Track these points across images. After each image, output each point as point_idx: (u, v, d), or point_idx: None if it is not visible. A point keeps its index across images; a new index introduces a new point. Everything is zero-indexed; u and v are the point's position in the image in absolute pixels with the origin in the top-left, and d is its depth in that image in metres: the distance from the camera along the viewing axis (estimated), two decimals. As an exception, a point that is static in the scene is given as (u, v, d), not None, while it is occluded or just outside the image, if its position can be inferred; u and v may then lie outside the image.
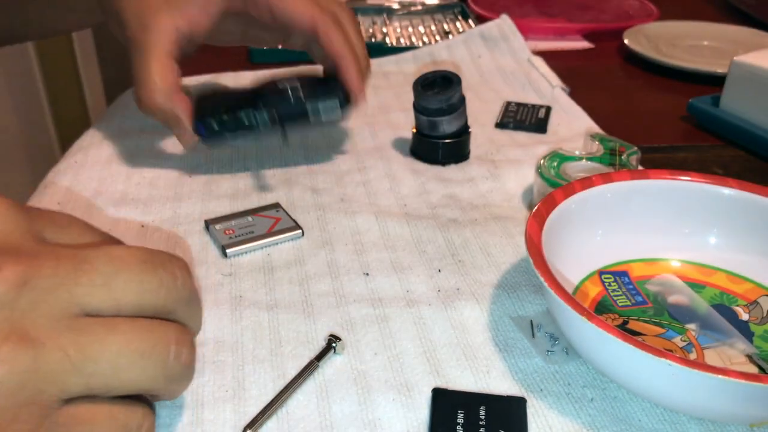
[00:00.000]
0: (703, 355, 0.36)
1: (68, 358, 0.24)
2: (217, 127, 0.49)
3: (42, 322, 0.24)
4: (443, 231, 0.47)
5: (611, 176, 0.42)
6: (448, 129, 0.54)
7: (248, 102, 0.49)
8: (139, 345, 0.26)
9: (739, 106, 0.61)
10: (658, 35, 0.84)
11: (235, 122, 0.49)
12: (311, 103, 0.49)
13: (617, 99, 0.71)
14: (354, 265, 0.43)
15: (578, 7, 0.96)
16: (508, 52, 0.77)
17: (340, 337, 0.37)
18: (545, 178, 0.47)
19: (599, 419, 0.33)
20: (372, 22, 0.89)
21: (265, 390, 0.34)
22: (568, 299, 0.32)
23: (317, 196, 0.51)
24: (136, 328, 0.26)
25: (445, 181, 0.53)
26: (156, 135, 0.59)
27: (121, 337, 0.25)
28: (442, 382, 0.35)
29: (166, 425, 0.32)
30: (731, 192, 0.41)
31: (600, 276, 0.41)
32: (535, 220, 0.37)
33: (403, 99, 0.67)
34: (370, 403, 0.34)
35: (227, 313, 0.39)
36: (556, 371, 0.36)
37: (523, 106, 0.65)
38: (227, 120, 0.49)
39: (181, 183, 0.52)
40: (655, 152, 0.59)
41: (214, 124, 0.49)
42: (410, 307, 0.40)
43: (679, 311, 0.39)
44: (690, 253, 0.42)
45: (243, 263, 0.44)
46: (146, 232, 0.46)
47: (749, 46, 0.77)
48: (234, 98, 0.50)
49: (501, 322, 0.39)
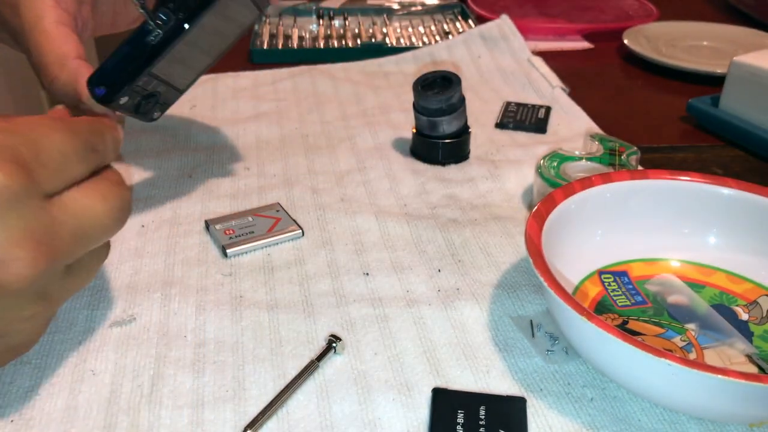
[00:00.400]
0: (702, 355, 0.36)
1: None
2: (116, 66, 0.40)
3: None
4: (443, 231, 0.47)
5: (611, 176, 0.42)
6: (448, 129, 0.54)
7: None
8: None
9: (739, 106, 0.61)
10: (657, 35, 0.84)
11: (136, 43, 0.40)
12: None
13: (617, 99, 0.71)
14: (354, 265, 0.43)
15: (578, 8, 0.96)
16: (508, 53, 0.77)
17: (341, 337, 0.37)
18: (545, 178, 0.47)
19: (599, 419, 0.33)
20: (372, 22, 0.89)
21: (266, 390, 0.34)
22: (567, 299, 0.32)
23: (317, 196, 0.51)
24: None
25: (445, 181, 0.53)
26: (156, 135, 0.59)
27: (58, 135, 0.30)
28: (442, 382, 0.35)
29: (166, 425, 0.32)
30: (731, 192, 0.41)
31: (600, 276, 0.41)
32: (534, 220, 0.37)
33: (403, 99, 0.67)
34: (370, 403, 0.34)
35: (227, 313, 0.39)
36: (556, 371, 0.36)
37: (522, 106, 0.65)
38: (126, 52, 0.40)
39: (181, 183, 0.52)
40: (655, 152, 0.59)
41: (109, 69, 0.40)
42: (410, 307, 0.40)
43: (679, 311, 0.39)
44: (690, 253, 0.42)
45: (243, 263, 0.44)
46: (146, 232, 0.46)
47: (749, 47, 0.77)
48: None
49: (501, 322, 0.39)
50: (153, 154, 0.56)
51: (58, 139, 0.30)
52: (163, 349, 0.37)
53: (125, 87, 0.39)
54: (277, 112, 0.65)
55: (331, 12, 0.90)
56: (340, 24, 0.88)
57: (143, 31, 0.40)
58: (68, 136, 0.31)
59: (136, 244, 0.45)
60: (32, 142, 0.29)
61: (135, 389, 0.34)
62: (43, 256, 0.28)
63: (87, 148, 0.32)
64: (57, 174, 0.30)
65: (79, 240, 0.31)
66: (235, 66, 0.74)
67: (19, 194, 0.28)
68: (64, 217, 0.30)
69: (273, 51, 0.79)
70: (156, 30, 0.39)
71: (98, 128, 0.34)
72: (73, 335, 0.37)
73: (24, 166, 0.28)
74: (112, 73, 0.40)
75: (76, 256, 0.31)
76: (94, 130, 0.33)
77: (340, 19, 0.89)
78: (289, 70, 0.73)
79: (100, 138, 0.33)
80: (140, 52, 0.40)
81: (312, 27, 0.87)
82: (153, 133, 0.59)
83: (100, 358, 0.36)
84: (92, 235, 0.32)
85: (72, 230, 0.30)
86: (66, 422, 0.32)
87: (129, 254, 0.44)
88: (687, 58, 0.78)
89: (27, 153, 0.29)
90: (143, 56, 0.40)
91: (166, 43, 0.40)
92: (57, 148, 0.30)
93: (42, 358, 0.36)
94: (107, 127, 0.34)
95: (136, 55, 0.40)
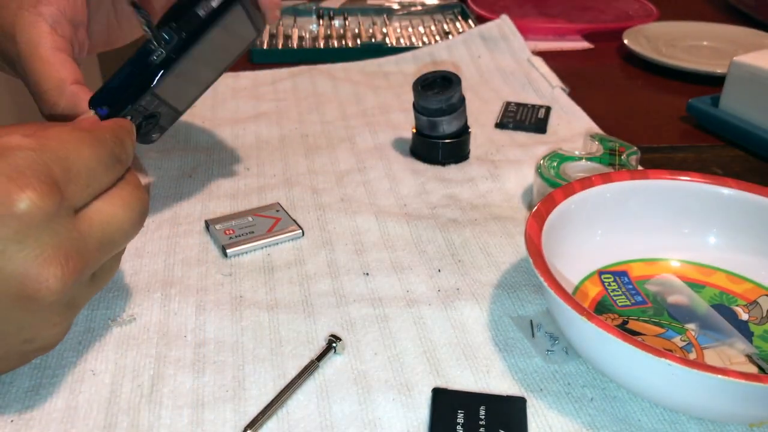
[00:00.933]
0: (702, 355, 0.36)
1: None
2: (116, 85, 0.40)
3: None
4: (443, 231, 0.47)
5: (611, 176, 0.42)
6: (448, 129, 0.54)
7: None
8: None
9: (739, 106, 0.61)
10: (657, 35, 0.84)
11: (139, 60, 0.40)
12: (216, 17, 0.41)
13: (617, 99, 0.71)
14: (354, 265, 0.43)
15: (578, 8, 0.96)
16: (508, 53, 0.77)
17: (340, 337, 0.37)
18: (545, 178, 0.47)
19: (599, 419, 0.33)
20: (372, 22, 0.89)
21: (266, 390, 0.34)
22: (568, 299, 0.32)
23: (317, 196, 0.51)
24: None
25: (445, 181, 0.53)
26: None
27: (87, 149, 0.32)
28: (442, 382, 0.35)
29: (167, 425, 0.32)
30: (730, 192, 0.41)
31: (600, 276, 0.41)
32: (534, 220, 0.37)
33: (403, 99, 0.67)
34: (370, 403, 0.34)
35: (227, 313, 0.39)
36: (556, 371, 0.36)
37: (522, 106, 0.65)
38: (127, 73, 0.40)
39: (181, 183, 0.52)
40: (655, 152, 0.59)
41: (111, 88, 0.40)
42: (410, 307, 0.40)
43: (679, 311, 0.39)
44: (689, 253, 0.42)
45: (243, 263, 0.44)
46: (146, 232, 0.46)
47: (749, 47, 0.77)
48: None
49: (501, 322, 0.39)
50: (153, 154, 0.56)
51: (86, 154, 0.31)
52: (163, 349, 0.37)
53: (128, 107, 0.39)
54: (277, 112, 0.65)
55: (331, 12, 0.90)
56: (340, 24, 0.88)
57: (146, 51, 0.40)
58: (95, 150, 0.32)
59: (136, 244, 0.45)
60: (63, 160, 0.30)
61: (135, 389, 0.34)
62: (72, 270, 0.29)
63: (113, 159, 0.33)
64: (85, 189, 0.31)
65: (105, 249, 0.32)
66: (235, 66, 0.74)
67: (51, 213, 0.29)
68: (91, 229, 0.31)
69: (273, 51, 0.79)
70: (159, 49, 0.40)
71: (121, 136, 0.34)
72: (73, 335, 0.37)
73: (56, 185, 0.29)
74: (115, 92, 0.40)
75: (101, 263, 0.32)
76: (118, 140, 0.34)
77: (340, 19, 0.89)
78: (289, 70, 0.73)
79: (123, 147, 0.34)
80: (143, 71, 0.40)
81: (312, 27, 0.87)
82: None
83: (100, 358, 0.36)
84: (116, 242, 0.33)
85: (98, 241, 0.31)
86: (66, 422, 0.32)
87: (129, 254, 0.44)
88: (687, 58, 0.78)
89: (58, 171, 0.30)
90: (146, 75, 0.40)
91: (169, 62, 0.40)
92: (85, 164, 0.31)
93: (42, 358, 0.36)
94: (127, 133, 0.35)
95: (138, 74, 0.40)
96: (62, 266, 0.29)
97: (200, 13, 0.41)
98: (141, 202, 0.34)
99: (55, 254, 0.29)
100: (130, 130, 0.36)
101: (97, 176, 0.32)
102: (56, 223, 0.29)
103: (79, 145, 0.31)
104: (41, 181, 0.28)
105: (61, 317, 0.31)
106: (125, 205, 0.33)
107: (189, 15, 0.40)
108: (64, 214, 0.30)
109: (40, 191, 0.28)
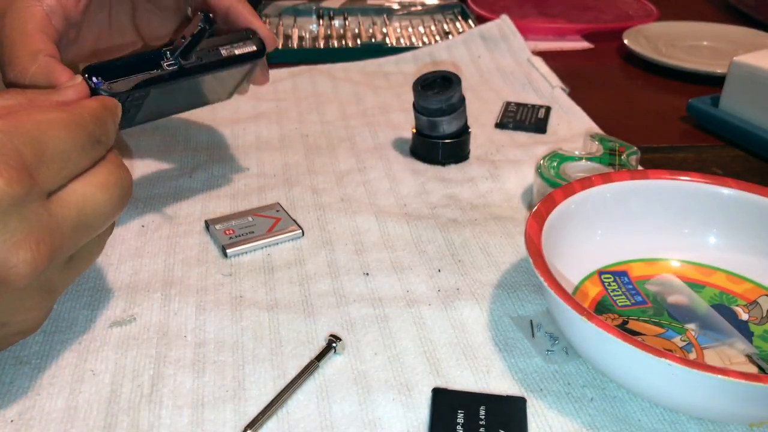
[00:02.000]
0: (702, 355, 0.36)
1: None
2: (117, 70, 0.40)
3: None
4: (443, 231, 0.47)
5: (611, 176, 0.42)
6: (448, 129, 0.54)
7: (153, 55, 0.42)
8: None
9: (739, 106, 0.61)
10: (657, 35, 0.84)
11: (140, 62, 0.41)
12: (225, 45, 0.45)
13: (617, 99, 0.71)
14: (354, 265, 0.43)
15: (578, 8, 0.96)
16: (508, 53, 0.77)
17: (340, 337, 0.37)
18: (545, 178, 0.47)
19: (599, 419, 0.33)
20: (372, 22, 0.89)
21: (266, 390, 0.34)
22: (568, 299, 0.32)
23: (317, 196, 0.51)
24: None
25: (445, 181, 0.53)
26: (156, 135, 0.59)
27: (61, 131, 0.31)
28: (442, 382, 0.35)
29: (166, 425, 0.32)
30: (731, 192, 0.41)
31: (600, 276, 0.41)
32: (534, 220, 0.37)
33: (403, 99, 0.67)
34: (370, 403, 0.34)
35: (227, 313, 0.39)
36: (556, 371, 0.36)
37: (522, 106, 0.65)
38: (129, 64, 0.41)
39: (181, 183, 0.52)
40: (655, 152, 0.59)
41: (112, 68, 0.40)
42: (410, 307, 0.40)
43: (679, 311, 0.39)
44: (689, 253, 0.42)
45: (243, 263, 0.44)
46: (146, 232, 0.46)
47: (749, 47, 0.77)
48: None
49: (501, 322, 0.39)
50: (153, 154, 0.56)
51: (62, 136, 0.30)
52: (163, 349, 0.37)
53: (122, 90, 0.40)
54: (276, 112, 0.65)
55: (331, 12, 0.90)
56: (340, 24, 0.88)
57: (160, 54, 0.42)
58: (73, 131, 0.31)
59: (136, 244, 0.45)
60: (35, 142, 0.29)
61: (135, 389, 0.34)
62: (43, 254, 0.29)
63: (92, 140, 0.32)
64: (60, 171, 0.30)
65: (81, 231, 0.31)
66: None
67: (19, 198, 0.28)
68: (65, 212, 0.30)
69: (273, 51, 0.79)
70: (171, 61, 0.42)
71: (103, 117, 0.33)
72: (73, 335, 0.37)
73: (26, 169, 0.28)
74: (117, 71, 0.40)
75: (78, 246, 0.32)
76: (99, 120, 0.33)
77: (340, 19, 0.89)
78: (289, 70, 0.73)
79: (104, 128, 0.33)
80: (152, 69, 0.41)
81: (312, 27, 0.87)
82: (153, 133, 0.59)
83: (100, 358, 0.36)
84: (93, 224, 0.32)
85: (73, 224, 0.31)
86: (66, 422, 0.32)
87: (129, 254, 0.44)
88: (687, 58, 0.78)
89: (30, 154, 0.29)
90: (153, 74, 0.41)
91: (176, 76, 0.42)
92: (60, 147, 0.30)
93: (42, 358, 0.36)
94: (111, 113, 0.34)
95: (147, 69, 0.41)
96: (32, 251, 0.28)
97: (222, 53, 0.45)
98: (121, 182, 0.33)
99: (25, 239, 0.28)
100: (114, 111, 0.35)
101: (73, 158, 0.31)
102: (25, 208, 0.28)
103: (55, 127, 0.30)
104: (10, 166, 0.28)
105: (35, 301, 0.31)
106: (103, 186, 0.32)
107: (211, 51, 0.44)
108: (35, 198, 0.29)
109: (8, 177, 0.27)
